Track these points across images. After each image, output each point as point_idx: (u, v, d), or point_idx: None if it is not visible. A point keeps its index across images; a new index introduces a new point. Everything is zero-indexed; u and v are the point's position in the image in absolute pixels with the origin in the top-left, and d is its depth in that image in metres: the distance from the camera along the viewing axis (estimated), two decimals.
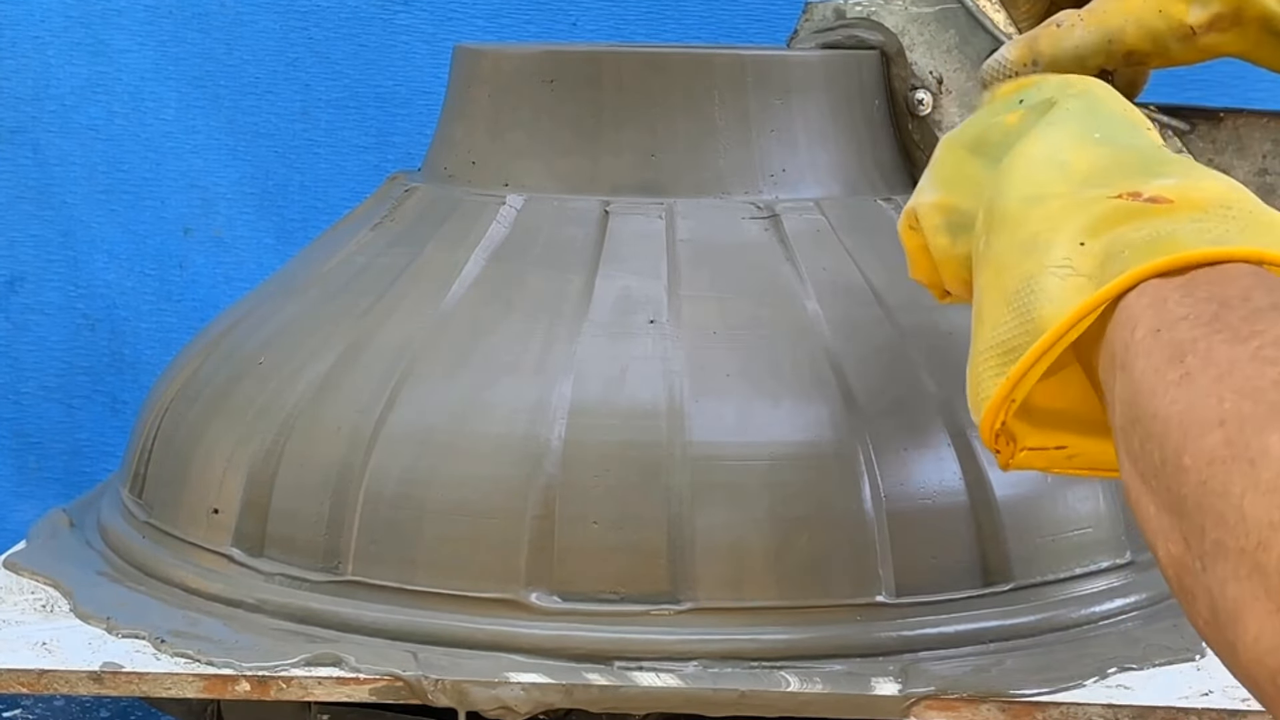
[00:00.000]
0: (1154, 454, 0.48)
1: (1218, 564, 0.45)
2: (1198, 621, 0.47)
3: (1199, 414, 0.46)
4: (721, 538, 0.72)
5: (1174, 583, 0.48)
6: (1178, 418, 0.47)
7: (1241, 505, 0.44)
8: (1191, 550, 0.46)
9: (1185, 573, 0.47)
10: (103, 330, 1.26)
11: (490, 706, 0.69)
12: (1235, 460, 0.44)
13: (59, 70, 1.24)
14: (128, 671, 0.71)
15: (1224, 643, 0.45)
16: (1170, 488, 0.47)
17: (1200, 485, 0.45)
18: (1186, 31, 0.66)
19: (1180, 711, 0.68)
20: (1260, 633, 0.43)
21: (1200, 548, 0.45)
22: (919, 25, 0.87)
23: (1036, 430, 0.59)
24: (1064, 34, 0.67)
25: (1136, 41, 0.66)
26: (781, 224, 0.81)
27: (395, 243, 0.85)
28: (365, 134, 1.25)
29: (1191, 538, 0.46)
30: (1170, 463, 0.47)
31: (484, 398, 0.75)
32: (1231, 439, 0.45)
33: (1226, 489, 0.44)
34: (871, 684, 0.69)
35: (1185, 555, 0.46)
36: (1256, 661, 0.43)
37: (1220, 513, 0.44)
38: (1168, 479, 0.47)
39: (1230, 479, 0.44)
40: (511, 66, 0.87)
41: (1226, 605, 0.44)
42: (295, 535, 0.76)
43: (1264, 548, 0.43)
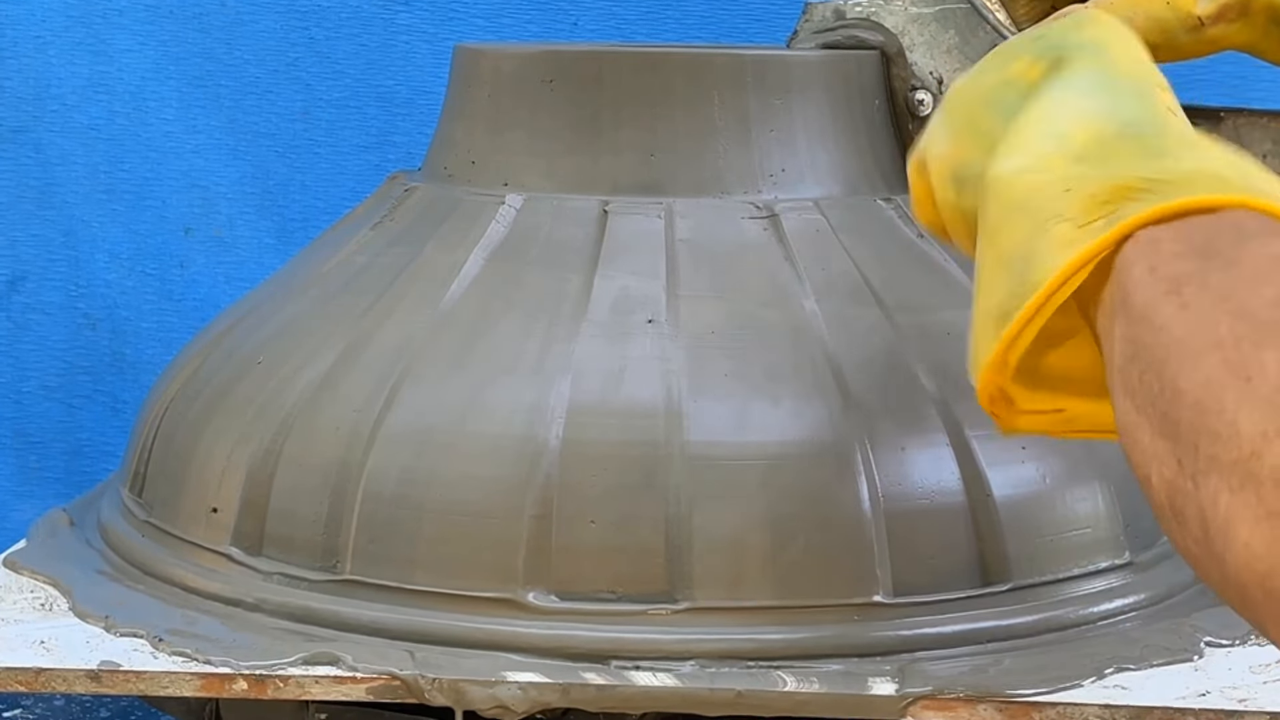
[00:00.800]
0: (1152, 384, 0.49)
1: (1210, 479, 0.45)
2: (1188, 544, 0.48)
3: (1197, 339, 0.47)
4: (719, 537, 0.72)
5: (1165, 508, 0.49)
6: (1176, 345, 0.48)
7: (1236, 419, 0.44)
8: (1185, 470, 0.47)
9: (1177, 494, 0.47)
10: (104, 330, 1.26)
11: (487, 706, 0.69)
12: (1231, 378, 0.45)
13: (60, 70, 1.24)
14: (125, 670, 0.71)
15: (1214, 558, 0.46)
16: (1166, 413, 0.48)
17: (1196, 405, 0.46)
18: (1194, 22, 0.66)
19: (1177, 712, 0.68)
20: (1251, 538, 0.44)
21: (1194, 466, 0.46)
22: (919, 25, 0.87)
23: (1033, 394, 0.59)
24: None
25: (1144, 33, 0.66)
26: (781, 224, 0.81)
27: (395, 242, 0.85)
28: (366, 134, 1.25)
29: (1185, 458, 0.47)
30: (1168, 388, 0.48)
31: (482, 397, 0.75)
32: (1229, 359, 0.46)
33: (1221, 406, 0.45)
34: (868, 684, 0.69)
35: (1178, 477, 0.47)
36: (1246, 568, 0.44)
37: (1214, 429, 0.45)
38: (1164, 405, 0.48)
39: (1225, 396, 0.45)
40: (511, 66, 0.87)
41: (1218, 518, 0.45)
42: (294, 534, 0.76)
43: (1256, 457, 0.44)
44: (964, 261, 0.83)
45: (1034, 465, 0.76)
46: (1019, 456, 0.75)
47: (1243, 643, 0.75)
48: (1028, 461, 0.76)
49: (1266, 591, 0.44)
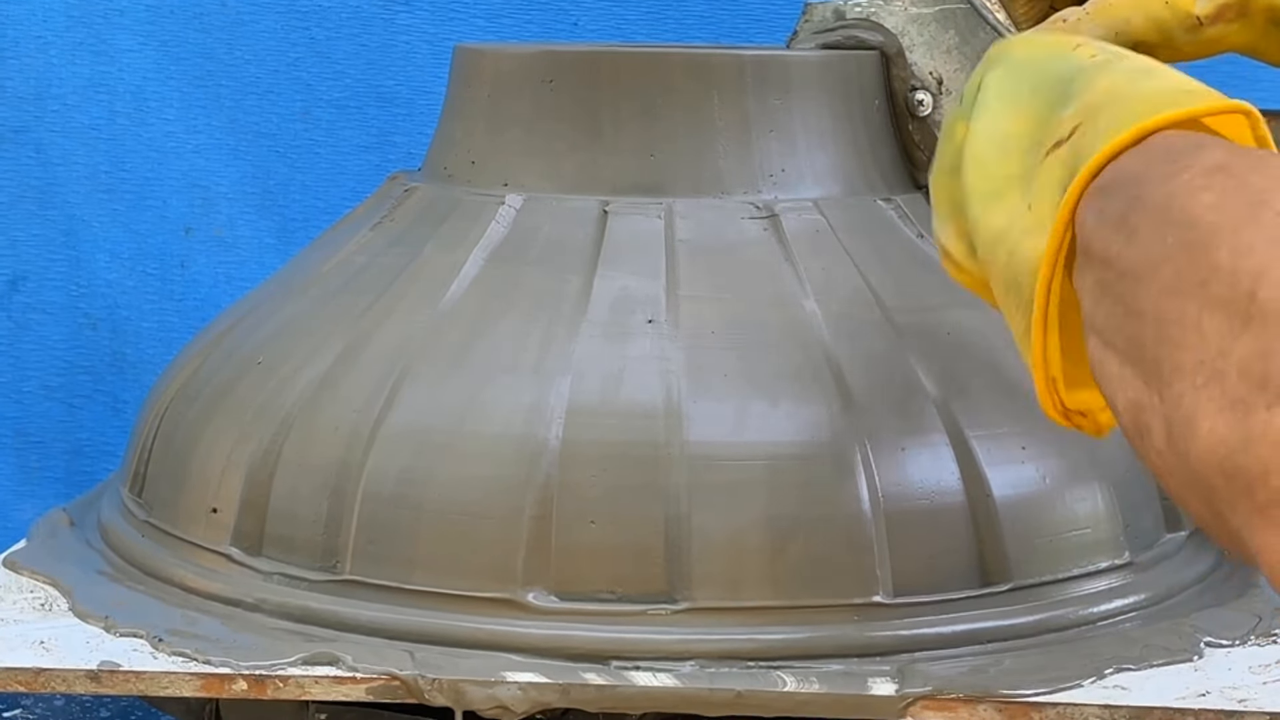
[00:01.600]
0: (1114, 313, 0.50)
1: (1175, 384, 0.46)
2: (1150, 454, 0.48)
3: (1148, 257, 0.48)
4: (719, 538, 0.72)
5: (1130, 429, 0.50)
6: (1130, 270, 0.49)
7: (1199, 322, 0.45)
8: (1150, 386, 0.48)
9: (1142, 411, 0.48)
10: (104, 330, 1.26)
11: (487, 706, 0.69)
12: (1187, 286, 0.46)
13: (61, 70, 1.24)
14: (125, 670, 0.71)
15: (1177, 458, 0.47)
16: (1131, 336, 0.49)
17: (1156, 320, 0.47)
18: (1193, 22, 0.66)
19: (1177, 712, 0.68)
20: (1213, 426, 0.44)
21: (1159, 377, 0.47)
22: (919, 26, 0.87)
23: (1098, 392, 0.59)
24: (1071, 29, 0.67)
25: (1143, 33, 0.67)
26: (780, 224, 0.81)
27: (394, 242, 0.85)
28: (366, 134, 1.25)
29: (1150, 374, 0.48)
30: (1130, 313, 0.49)
31: (482, 397, 0.75)
32: (1180, 270, 0.47)
33: (1181, 314, 0.46)
34: (868, 684, 0.69)
35: (1143, 393, 0.48)
36: (1208, 453, 0.45)
37: (1178, 338, 0.46)
38: (1128, 330, 0.49)
39: (1185, 304, 0.46)
40: (511, 66, 0.87)
41: (1181, 418, 0.46)
42: (293, 534, 0.76)
43: (1222, 354, 0.44)
44: None
45: (1034, 465, 0.76)
46: (1019, 457, 0.75)
47: (1242, 643, 0.75)
48: (1027, 462, 0.76)
49: (1227, 473, 0.44)
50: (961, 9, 0.86)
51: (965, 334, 0.79)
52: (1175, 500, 0.50)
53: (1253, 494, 0.43)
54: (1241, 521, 0.44)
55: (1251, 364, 0.44)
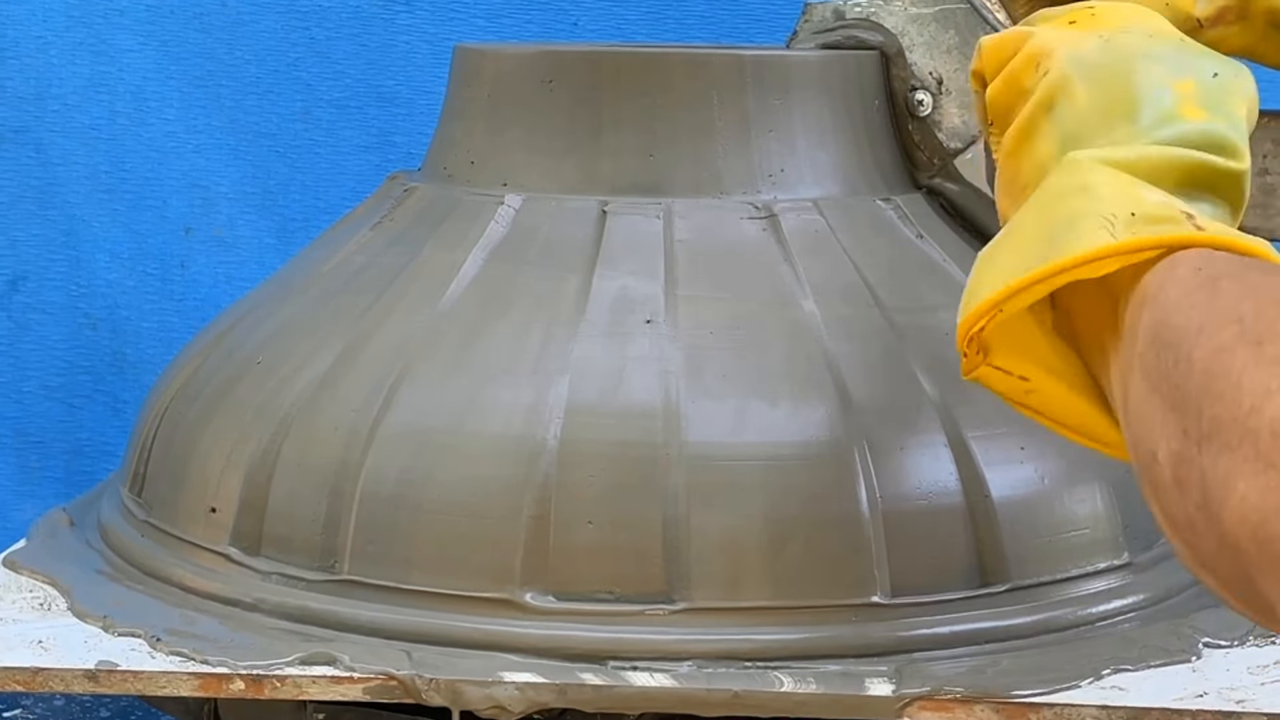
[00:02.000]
0: (1168, 359, 0.50)
1: (1212, 441, 0.46)
2: (1188, 510, 0.48)
3: (1218, 317, 0.49)
4: (717, 538, 0.72)
5: (1169, 481, 0.50)
6: (1197, 322, 0.49)
7: (1240, 380, 0.46)
8: (1189, 437, 0.48)
9: (1181, 464, 0.48)
10: (104, 329, 1.26)
11: (484, 706, 0.69)
12: (1242, 344, 0.47)
13: (61, 70, 1.24)
14: (123, 670, 0.71)
15: (1211, 520, 0.47)
16: (1177, 384, 0.49)
17: (1205, 373, 0.48)
18: (1194, 24, 0.66)
19: (1175, 713, 0.68)
20: (1247, 491, 0.45)
21: (1198, 430, 0.47)
22: (918, 26, 0.87)
23: (1009, 353, 0.61)
24: None
25: None
26: (779, 224, 0.81)
27: (394, 242, 0.85)
28: (366, 134, 1.25)
29: (1190, 425, 0.48)
30: (1181, 361, 0.49)
31: (481, 398, 0.75)
32: (1245, 329, 0.47)
33: (1228, 369, 0.46)
34: (866, 684, 0.69)
35: (1183, 445, 0.48)
36: (1241, 520, 0.45)
37: (1219, 391, 0.47)
38: (1177, 377, 0.49)
39: (1233, 360, 0.46)
40: (511, 66, 0.87)
41: (1217, 477, 0.46)
42: (292, 534, 0.76)
43: (1256, 412, 0.45)
44: (963, 261, 0.83)
45: (1032, 466, 0.76)
46: (1017, 457, 0.75)
47: (1241, 644, 0.75)
48: (1026, 462, 0.76)
49: (1259, 542, 0.44)
50: (961, 9, 0.86)
51: None
52: (1196, 564, 0.50)
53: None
54: (1272, 588, 0.44)
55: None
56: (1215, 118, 0.59)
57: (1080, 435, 0.63)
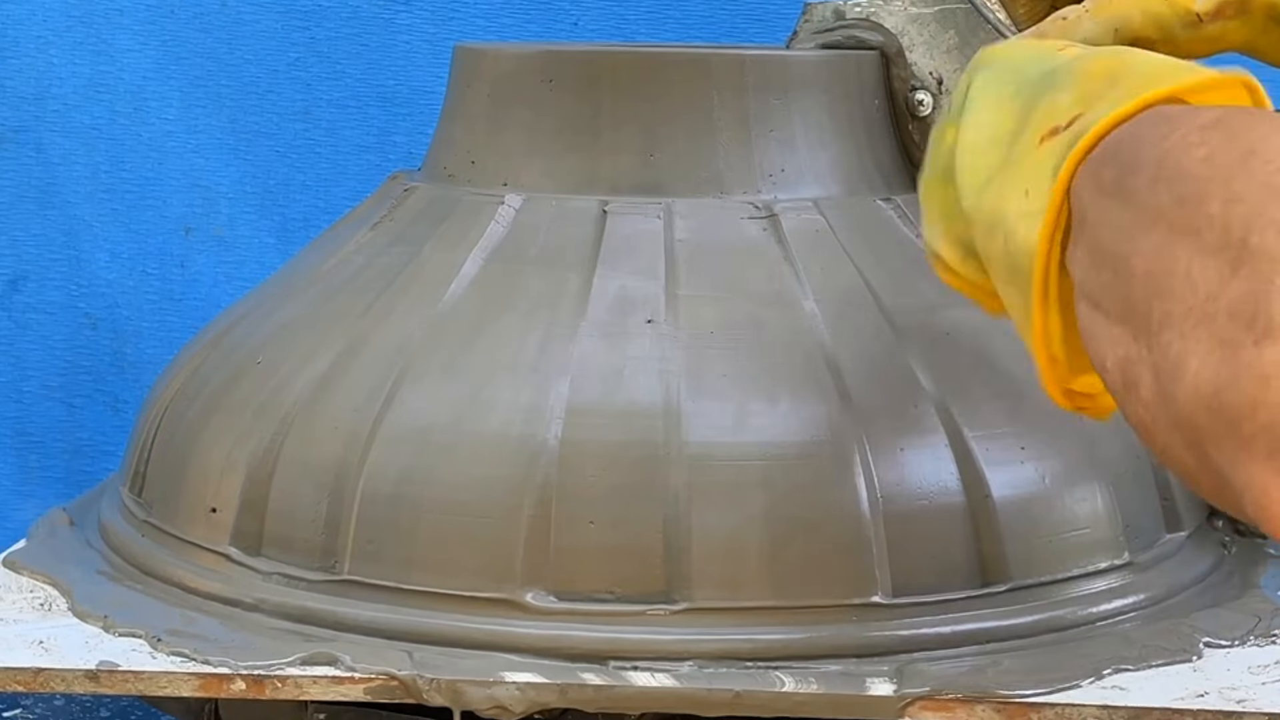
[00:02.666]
0: (1107, 276, 0.50)
1: (1164, 333, 0.47)
2: (1138, 408, 0.49)
3: (1140, 218, 0.49)
4: (717, 538, 0.72)
5: (1119, 385, 0.50)
6: (1124, 231, 0.49)
7: (1190, 271, 0.46)
8: (1139, 339, 0.48)
9: (1131, 364, 0.49)
10: (104, 329, 1.26)
11: (485, 706, 0.69)
12: (1178, 237, 0.47)
13: (61, 70, 1.24)
14: (123, 670, 0.71)
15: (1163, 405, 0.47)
16: (1122, 295, 0.49)
17: (1147, 275, 0.48)
18: (1193, 18, 0.66)
19: (1175, 713, 0.67)
20: (1200, 367, 0.45)
21: (1147, 328, 0.47)
22: (918, 26, 0.87)
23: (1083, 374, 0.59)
24: (1071, 26, 0.67)
25: (1143, 29, 0.67)
26: (780, 224, 0.81)
27: (394, 242, 0.85)
28: (366, 133, 1.25)
29: (1139, 327, 0.48)
30: (1122, 273, 0.49)
31: (481, 397, 0.75)
32: (1173, 222, 0.47)
33: (1172, 266, 0.47)
34: (866, 684, 0.69)
35: (1131, 347, 0.49)
36: (1194, 394, 0.45)
37: (1168, 287, 0.47)
38: (1120, 288, 0.49)
39: (1175, 255, 0.46)
40: (511, 66, 0.87)
41: (1169, 364, 0.46)
42: (292, 534, 0.76)
43: (1211, 299, 0.45)
44: None
45: (1033, 465, 0.76)
46: (1018, 457, 0.75)
47: (1242, 644, 0.75)
48: (1027, 462, 0.76)
49: (1213, 410, 0.44)
50: (961, 9, 0.86)
51: (964, 334, 0.79)
52: (1159, 454, 0.50)
53: (1239, 428, 0.43)
54: (1227, 458, 0.44)
55: (1240, 305, 0.44)
56: None
57: None
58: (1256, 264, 0.44)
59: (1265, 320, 0.43)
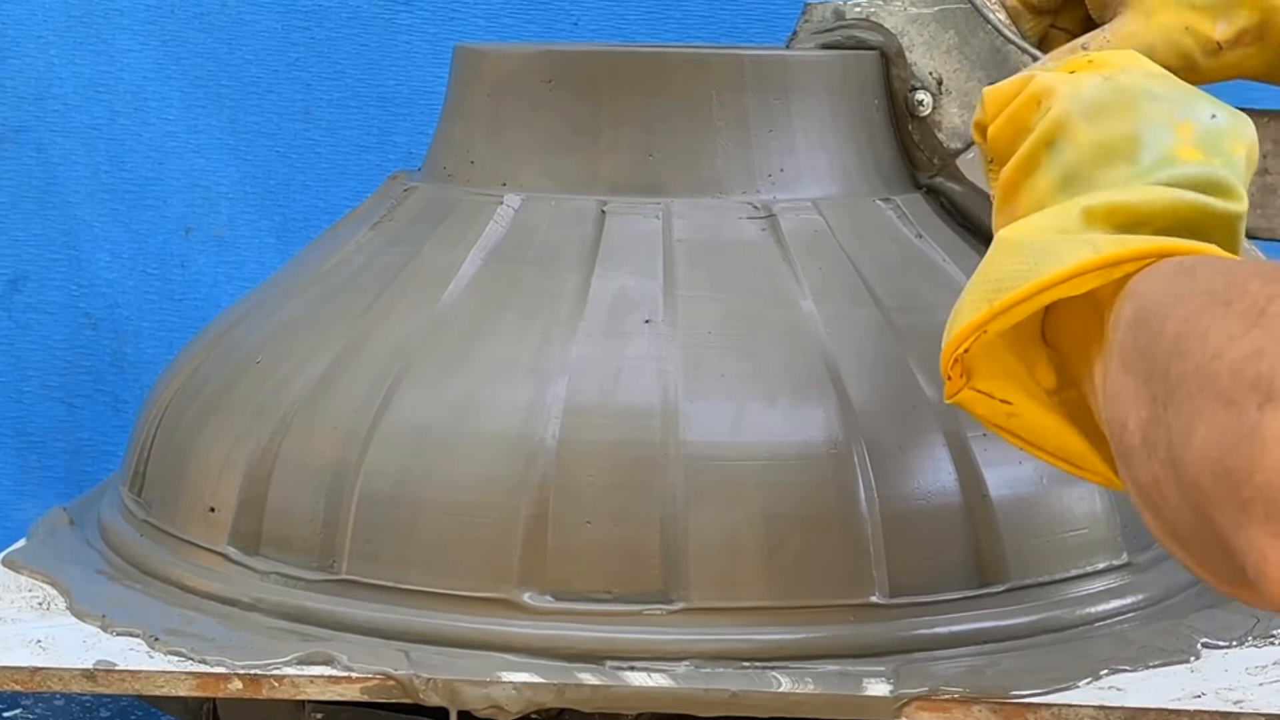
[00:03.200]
0: (1142, 337, 0.51)
1: (1176, 394, 0.47)
2: (1154, 469, 0.49)
3: (1192, 292, 0.49)
4: (715, 538, 0.71)
5: (1138, 447, 0.50)
6: (1171, 299, 0.50)
7: (1206, 333, 0.47)
8: (1157, 399, 0.49)
9: (1150, 425, 0.49)
10: (105, 329, 1.26)
11: (482, 706, 0.69)
12: (1212, 306, 0.47)
13: (62, 70, 1.24)
14: (121, 670, 0.71)
15: (1175, 468, 0.47)
16: (1149, 355, 0.50)
17: (1175, 336, 0.48)
18: (1213, 47, 0.67)
19: (1172, 714, 0.67)
20: (1207, 431, 0.45)
21: (1165, 389, 0.48)
22: (918, 26, 0.87)
23: (992, 377, 0.62)
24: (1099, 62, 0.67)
25: (1166, 59, 0.68)
26: (779, 224, 0.81)
27: (393, 242, 0.85)
28: (366, 134, 1.25)
29: (1159, 388, 0.49)
30: (1155, 335, 0.50)
31: (479, 397, 0.75)
32: (1215, 295, 0.48)
33: (1195, 328, 0.47)
34: (863, 684, 0.69)
35: (1151, 408, 0.49)
36: (1201, 458, 0.46)
37: (1186, 349, 0.48)
38: (1150, 350, 0.50)
39: (1201, 319, 0.47)
40: (510, 66, 0.87)
41: (1180, 427, 0.47)
42: (291, 534, 0.76)
43: (1217, 357, 0.46)
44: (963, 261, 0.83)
45: (1031, 466, 0.75)
46: (1016, 457, 0.75)
47: (1239, 644, 0.75)
48: (1025, 462, 0.75)
49: (1216, 476, 0.45)
50: (961, 9, 0.86)
51: None
52: (1161, 528, 0.51)
53: (1238, 492, 0.44)
54: (1227, 521, 0.45)
55: (1244, 364, 0.44)
56: (1213, 159, 0.59)
57: (1059, 459, 0.64)
58: (1267, 325, 0.44)
59: (1269, 383, 0.44)
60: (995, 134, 0.65)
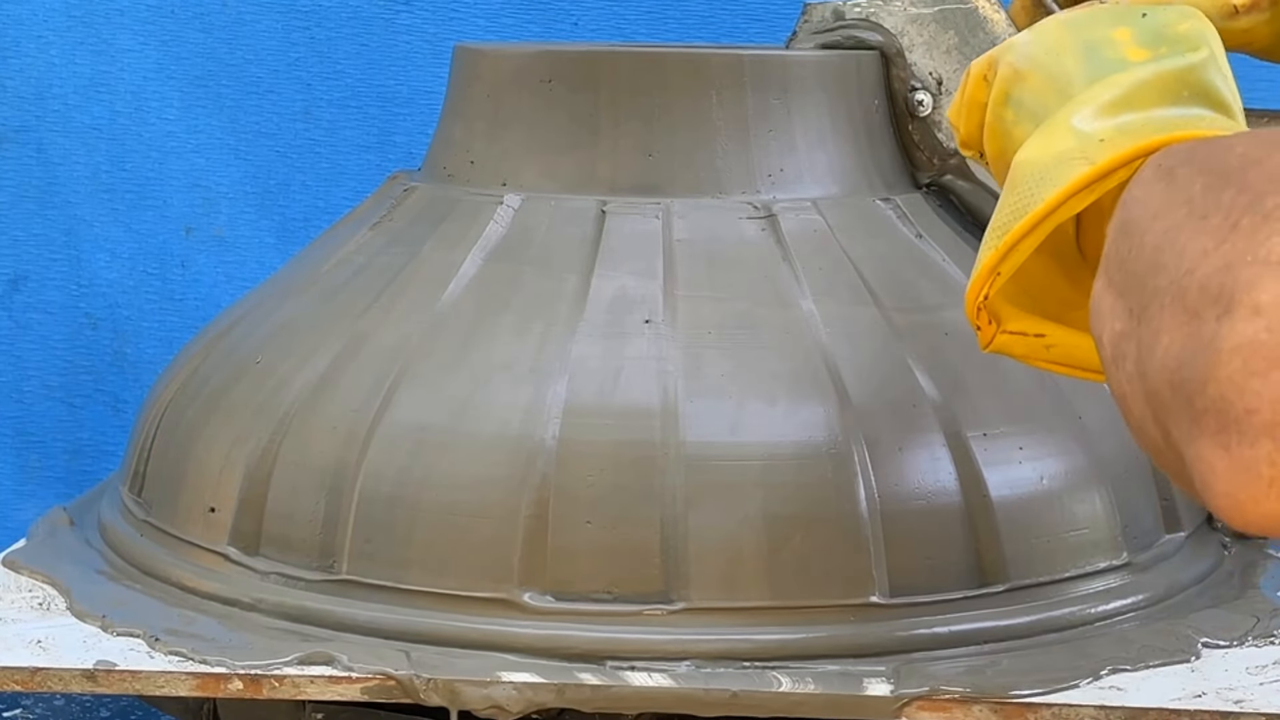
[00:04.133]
0: (1124, 249, 0.51)
1: (1149, 308, 0.47)
2: (1121, 383, 0.49)
3: (1170, 201, 0.49)
4: (715, 538, 0.71)
5: (1110, 360, 0.50)
6: (1152, 210, 0.50)
7: (1183, 248, 0.47)
8: (1132, 313, 0.49)
9: (1121, 339, 0.49)
10: (105, 329, 1.26)
11: (482, 706, 0.69)
12: (1189, 219, 0.47)
13: (62, 70, 1.24)
14: (121, 670, 0.71)
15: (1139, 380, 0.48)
16: (1130, 269, 0.50)
17: (1153, 250, 0.48)
18: (1230, 10, 0.67)
19: (1172, 713, 0.67)
20: (1171, 342, 0.45)
21: (1140, 302, 0.48)
22: (918, 26, 0.87)
23: (1020, 315, 0.61)
24: None
25: None
26: (779, 224, 0.81)
27: (393, 242, 0.85)
28: (367, 134, 1.25)
29: (1133, 300, 0.49)
30: (1134, 247, 0.50)
31: (479, 397, 0.75)
32: (1192, 208, 0.48)
33: (1173, 242, 0.47)
34: (864, 684, 0.69)
35: (1125, 323, 0.49)
36: (1161, 368, 0.46)
37: (1161, 262, 0.47)
38: (1130, 264, 0.50)
39: (1180, 233, 0.47)
40: (510, 66, 0.87)
41: (1148, 339, 0.47)
42: (291, 534, 0.76)
43: (1189, 273, 0.45)
44: (963, 261, 0.83)
45: (1031, 466, 0.76)
46: (1016, 457, 0.75)
47: (1240, 644, 0.75)
48: (1025, 462, 0.75)
49: (1174, 385, 0.45)
50: (962, 9, 0.86)
51: (963, 334, 0.79)
52: (1133, 432, 0.50)
53: (1191, 403, 0.44)
54: (1181, 433, 0.45)
55: (1211, 278, 0.45)
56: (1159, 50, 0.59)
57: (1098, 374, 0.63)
58: (1237, 240, 0.44)
59: (1230, 295, 0.44)
60: (965, 126, 0.66)
